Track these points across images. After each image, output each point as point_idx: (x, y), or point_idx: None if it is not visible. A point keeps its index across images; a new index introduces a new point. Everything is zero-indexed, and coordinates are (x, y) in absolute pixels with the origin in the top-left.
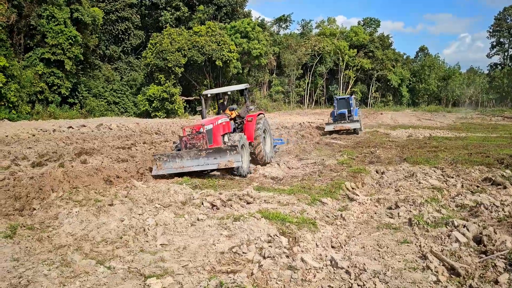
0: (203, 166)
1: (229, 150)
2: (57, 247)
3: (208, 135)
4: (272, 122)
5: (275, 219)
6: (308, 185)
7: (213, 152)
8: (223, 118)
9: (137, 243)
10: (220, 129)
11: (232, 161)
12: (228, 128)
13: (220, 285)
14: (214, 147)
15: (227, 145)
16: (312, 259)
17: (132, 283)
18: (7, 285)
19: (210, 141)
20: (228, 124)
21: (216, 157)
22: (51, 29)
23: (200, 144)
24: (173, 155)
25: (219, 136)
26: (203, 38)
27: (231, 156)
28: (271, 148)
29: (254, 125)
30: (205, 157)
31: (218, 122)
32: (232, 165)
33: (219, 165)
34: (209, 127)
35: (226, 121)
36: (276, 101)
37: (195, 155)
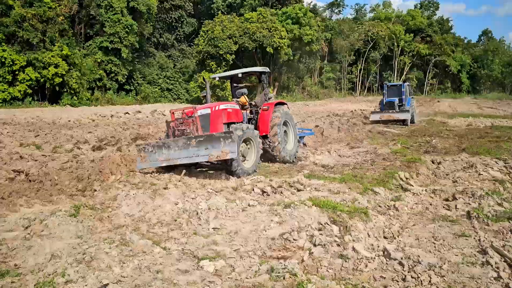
0: (192, 158)
1: (223, 138)
2: (116, 227)
3: (203, 121)
4: (322, 109)
5: (326, 207)
6: (359, 174)
7: (204, 140)
8: (229, 104)
9: (191, 226)
10: (222, 116)
11: (226, 151)
12: (238, 117)
13: (271, 270)
14: (206, 134)
15: (221, 132)
16: (364, 248)
17: (186, 264)
18: (73, 260)
19: (206, 130)
20: (237, 112)
21: (208, 147)
22: (109, 18)
23: (190, 131)
24: (159, 145)
25: (220, 124)
26: (254, 25)
27: (226, 146)
28: (295, 145)
29: (270, 115)
30: (195, 147)
31: (219, 107)
32: (225, 156)
33: (211, 157)
34: (205, 112)
35: (233, 108)
36: (327, 88)
37: (183, 144)
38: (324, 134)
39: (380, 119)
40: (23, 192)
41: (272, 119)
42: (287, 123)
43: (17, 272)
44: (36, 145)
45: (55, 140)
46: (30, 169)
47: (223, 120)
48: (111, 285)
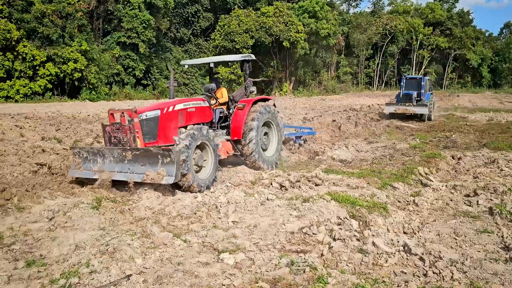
0: (125, 174)
1: (161, 156)
2: (137, 219)
3: (147, 127)
4: (339, 104)
5: (344, 201)
6: (378, 169)
7: (141, 155)
8: (192, 100)
9: (210, 219)
10: (178, 118)
11: (162, 174)
12: (204, 116)
13: (291, 263)
14: (145, 148)
15: (158, 148)
16: (384, 243)
17: (206, 256)
18: (96, 251)
19: (153, 137)
20: (203, 111)
21: (145, 164)
22: (126, 14)
23: (127, 141)
24: (94, 152)
25: (173, 130)
26: (270, 19)
27: (163, 166)
28: (277, 151)
29: (245, 115)
30: (131, 161)
31: (174, 107)
32: (160, 180)
33: (145, 177)
34: (151, 115)
35: (198, 105)
36: (344, 83)
37: (119, 156)
38: (342, 129)
39: (395, 111)
40: (46, 185)
41: (247, 121)
42: (270, 124)
43: (42, 262)
44: (57, 139)
45: (76, 134)
46: (52, 162)
47: (179, 123)
48: (134, 276)
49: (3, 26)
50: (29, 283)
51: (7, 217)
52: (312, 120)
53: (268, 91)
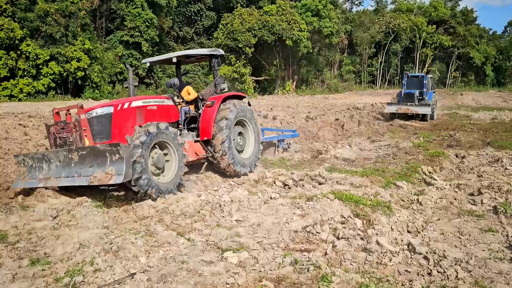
0: (73, 179)
1: (109, 153)
2: (141, 218)
3: (98, 125)
4: (342, 102)
5: (348, 200)
6: (381, 168)
7: (88, 154)
8: (153, 98)
9: (214, 218)
10: (136, 116)
11: (110, 173)
12: (169, 115)
13: (295, 262)
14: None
15: (106, 144)
16: (388, 242)
17: (210, 255)
18: (100, 249)
19: (106, 136)
20: (167, 110)
21: (93, 165)
22: (129, 12)
23: (73, 140)
24: (39, 158)
25: (129, 129)
26: (273, 18)
27: (111, 165)
28: (255, 151)
29: (213, 113)
30: (78, 163)
31: (131, 104)
32: (108, 180)
33: (92, 180)
34: (103, 112)
35: (161, 104)
36: (347, 81)
37: (65, 158)
38: (345, 127)
39: (396, 111)
40: None
41: (216, 120)
42: (244, 122)
43: (47, 260)
44: None
45: None
46: None
47: (137, 122)
48: (138, 274)
49: (7, 25)
50: (34, 282)
51: (11, 216)
52: (315, 119)
53: (270, 90)
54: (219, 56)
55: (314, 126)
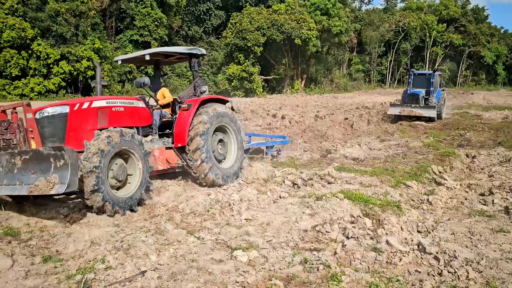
0: (12, 187)
1: (53, 158)
2: (151, 216)
3: (50, 127)
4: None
5: (358, 200)
6: (391, 167)
7: (31, 159)
8: (121, 99)
9: (223, 217)
10: (97, 118)
11: (53, 182)
12: (139, 118)
13: (305, 261)
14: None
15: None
16: (398, 242)
17: (220, 253)
18: (111, 247)
19: (60, 140)
20: (137, 112)
21: (36, 171)
22: (139, 12)
23: (17, 143)
24: None
25: (88, 132)
26: (282, 17)
27: (56, 171)
28: (237, 161)
29: (189, 117)
30: (21, 170)
31: (91, 104)
32: (49, 190)
33: (32, 189)
34: (57, 112)
35: (129, 105)
36: (356, 80)
37: (7, 163)
38: (354, 127)
39: (399, 113)
40: None
41: (193, 125)
42: (225, 128)
43: (59, 257)
44: None
45: None
46: None
47: (98, 125)
48: (149, 272)
49: (18, 25)
50: (46, 278)
51: (23, 214)
52: (324, 118)
53: (279, 89)
54: (199, 55)
55: (323, 125)
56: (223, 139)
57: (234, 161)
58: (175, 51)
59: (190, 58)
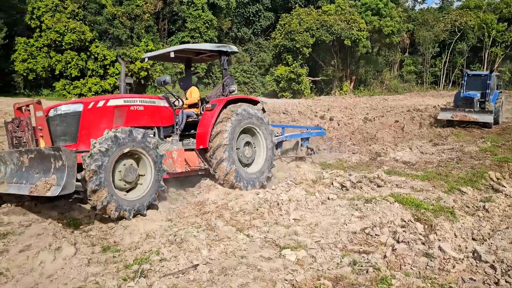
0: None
1: (53, 158)
2: (202, 213)
3: (63, 125)
4: (402, 104)
5: (409, 204)
6: (444, 172)
7: (36, 159)
8: (141, 97)
9: (272, 216)
10: (113, 117)
11: (50, 183)
12: (160, 118)
13: (354, 263)
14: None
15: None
16: (451, 249)
17: (269, 252)
18: (165, 241)
19: (72, 139)
20: (158, 111)
21: (40, 171)
22: (190, 14)
23: (26, 141)
24: None
25: (102, 131)
26: (332, 17)
27: (55, 172)
28: (265, 165)
29: (212, 118)
30: (28, 168)
31: (107, 102)
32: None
33: (32, 190)
34: (70, 110)
35: (150, 104)
36: (408, 82)
37: (18, 161)
38: (405, 129)
39: (451, 118)
40: None
41: (216, 126)
42: (254, 130)
43: (116, 248)
44: None
45: None
46: None
47: (114, 124)
48: (201, 266)
49: (78, 28)
50: (106, 267)
51: (84, 206)
52: (373, 120)
53: (327, 90)
54: (230, 53)
55: (372, 128)
56: (250, 141)
57: (262, 165)
58: (202, 48)
59: (220, 55)
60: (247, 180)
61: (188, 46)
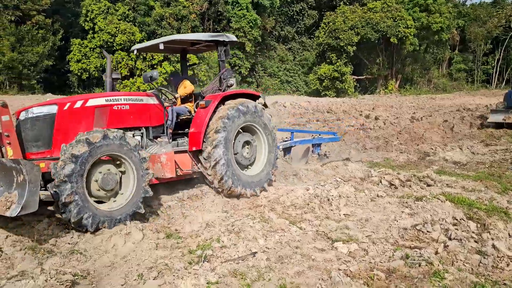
0: None
1: (15, 172)
2: (255, 206)
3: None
4: (451, 103)
5: (460, 203)
6: (497, 173)
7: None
8: (126, 95)
9: (322, 211)
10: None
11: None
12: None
13: (406, 257)
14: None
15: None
16: (505, 247)
17: (321, 243)
18: (224, 229)
19: (46, 145)
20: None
21: (3, 185)
22: (235, 14)
23: None
24: None
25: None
26: (378, 15)
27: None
28: (266, 167)
29: (206, 116)
30: None
31: (86, 102)
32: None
33: None
34: (42, 112)
35: (137, 102)
36: (457, 81)
37: None
38: (454, 129)
39: (503, 121)
40: None
41: (210, 125)
42: (254, 129)
43: (178, 235)
44: None
45: None
46: None
47: (95, 126)
48: (259, 253)
49: (128, 29)
50: (172, 251)
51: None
52: (421, 120)
53: (372, 89)
54: (227, 42)
55: (420, 127)
56: (250, 141)
57: (264, 166)
58: (194, 38)
59: (217, 46)
60: (245, 184)
61: (179, 37)
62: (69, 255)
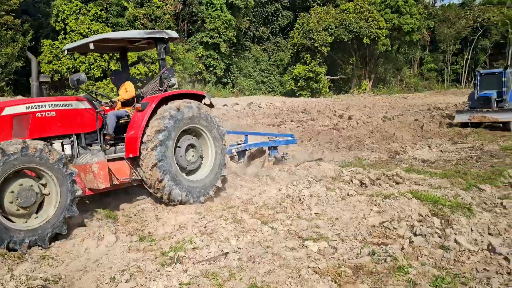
0: None
1: None
2: (228, 207)
3: None
4: (422, 102)
5: (426, 200)
6: (463, 170)
7: None
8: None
9: (294, 210)
10: (11, 128)
11: None
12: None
13: (373, 253)
14: None
15: None
16: (467, 242)
17: (292, 242)
18: (197, 231)
19: None
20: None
21: None
22: (209, 15)
23: None
24: None
25: None
26: (350, 16)
27: None
28: (213, 172)
29: (143, 120)
30: None
31: (2, 111)
32: None
33: None
34: None
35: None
36: (428, 80)
37: None
38: (424, 128)
39: (469, 121)
40: None
41: (147, 130)
42: (199, 131)
43: (151, 238)
44: None
45: None
46: None
47: (12, 137)
48: (231, 254)
49: (101, 30)
50: (145, 254)
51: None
52: (393, 119)
53: (346, 89)
54: (167, 39)
55: (391, 127)
56: (194, 144)
57: (211, 170)
58: (129, 36)
59: (156, 43)
60: (192, 191)
61: (111, 35)
62: (40, 260)
